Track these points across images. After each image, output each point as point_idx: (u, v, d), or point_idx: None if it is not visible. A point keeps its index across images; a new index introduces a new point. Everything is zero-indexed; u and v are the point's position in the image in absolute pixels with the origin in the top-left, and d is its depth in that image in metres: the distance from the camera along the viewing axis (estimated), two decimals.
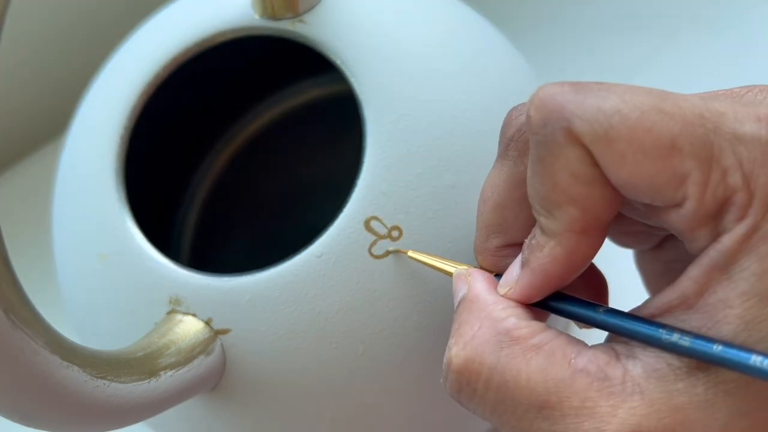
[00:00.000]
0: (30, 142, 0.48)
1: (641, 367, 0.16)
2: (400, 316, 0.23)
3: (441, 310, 0.24)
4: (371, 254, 0.23)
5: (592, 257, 0.18)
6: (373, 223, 0.23)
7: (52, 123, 0.43)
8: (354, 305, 0.23)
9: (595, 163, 0.16)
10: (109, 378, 0.19)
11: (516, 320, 0.18)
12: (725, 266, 0.16)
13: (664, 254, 0.22)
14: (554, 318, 0.22)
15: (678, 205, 0.16)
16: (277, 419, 0.24)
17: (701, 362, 0.16)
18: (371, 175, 0.23)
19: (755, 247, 0.15)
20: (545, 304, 0.19)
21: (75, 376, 0.18)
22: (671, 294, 0.17)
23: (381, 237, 0.23)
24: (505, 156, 0.20)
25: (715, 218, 0.16)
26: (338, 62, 0.25)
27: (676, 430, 0.15)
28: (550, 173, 0.17)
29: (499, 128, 0.21)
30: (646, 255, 0.23)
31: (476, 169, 0.24)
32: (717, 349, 0.15)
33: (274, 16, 0.26)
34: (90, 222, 0.26)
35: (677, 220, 0.16)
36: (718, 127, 0.16)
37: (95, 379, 0.19)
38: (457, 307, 0.20)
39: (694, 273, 0.16)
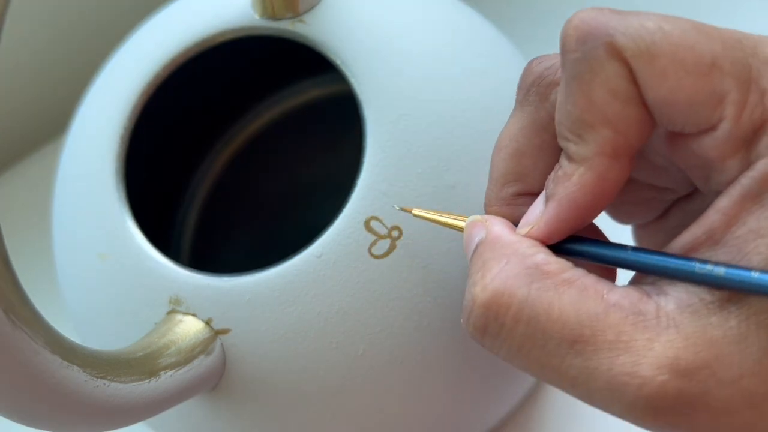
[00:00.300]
0: (30, 142, 0.48)
1: (674, 302, 0.16)
2: (400, 316, 0.23)
3: (441, 310, 0.24)
4: (371, 254, 0.23)
5: (619, 188, 0.18)
6: (373, 223, 0.23)
7: (52, 123, 0.43)
8: (354, 305, 0.23)
9: (634, 81, 0.16)
10: (109, 378, 0.19)
11: (545, 256, 0.17)
12: (758, 194, 0.15)
13: (668, 222, 0.21)
14: None
15: (713, 128, 0.16)
16: (277, 419, 0.24)
17: (735, 293, 0.15)
18: (371, 175, 0.23)
19: None
20: (565, 249, 0.18)
21: (75, 376, 0.18)
22: (696, 230, 0.16)
23: (381, 237, 0.23)
24: (525, 102, 0.19)
25: (748, 145, 0.16)
26: (338, 62, 0.25)
27: (712, 365, 0.15)
28: (586, 91, 0.17)
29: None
30: (647, 229, 0.22)
31: (476, 169, 0.24)
32: (755, 276, 0.15)
33: (274, 16, 0.26)
34: (90, 222, 0.26)
35: (710, 145, 0.16)
36: (756, 51, 0.16)
37: (95, 379, 0.19)
38: (475, 250, 0.19)
39: (723, 204, 0.16)
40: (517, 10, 0.45)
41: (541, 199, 0.19)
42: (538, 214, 0.18)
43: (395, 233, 0.23)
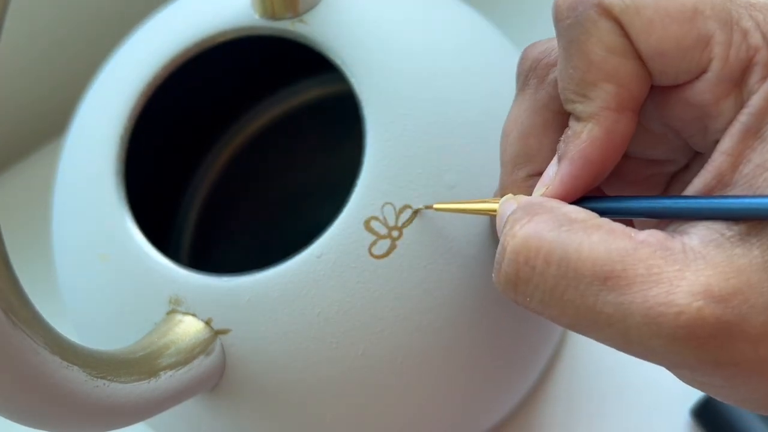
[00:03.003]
0: (30, 142, 0.48)
1: (697, 238, 0.16)
2: (400, 316, 0.23)
3: (441, 310, 0.24)
4: (371, 254, 0.23)
5: (627, 142, 0.18)
6: (373, 223, 0.23)
7: (52, 123, 0.43)
8: (354, 305, 0.23)
9: (626, 35, 0.17)
10: (109, 378, 0.19)
11: (573, 207, 0.18)
12: (757, 128, 0.16)
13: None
14: None
15: (703, 70, 0.17)
16: (277, 419, 0.24)
17: (753, 227, 0.16)
18: (371, 175, 0.23)
19: None
20: (587, 208, 0.18)
21: (75, 376, 0.18)
22: (705, 176, 0.17)
23: (381, 237, 0.23)
24: (525, 87, 0.20)
25: (739, 84, 0.16)
26: (338, 62, 0.25)
27: (743, 290, 0.15)
28: (584, 51, 0.18)
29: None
30: None
31: (476, 169, 0.24)
32: None
33: (274, 16, 0.26)
34: (90, 222, 0.26)
35: (703, 89, 0.17)
36: None
37: (95, 379, 0.19)
38: (506, 218, 0.19)
39: (726, 146, 0.16)
40: (516, 10, 0.45)
41: (554, 162, 0.19)
42: (552, 174, 0.19)
43: (395, 233, 0.23)
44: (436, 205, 0.23)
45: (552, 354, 0.34)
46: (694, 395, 0.33)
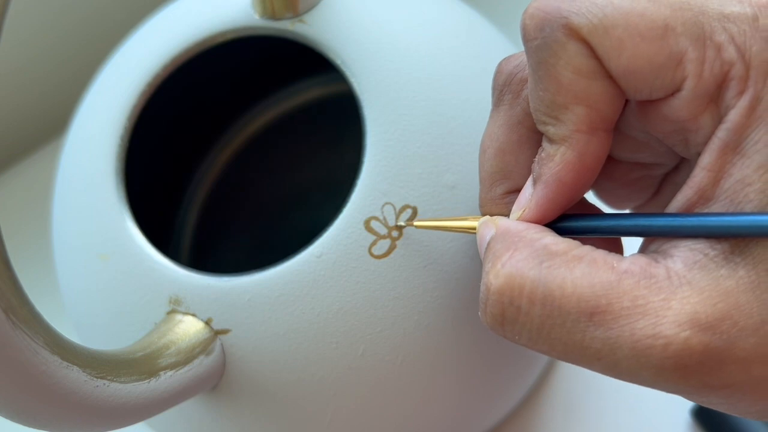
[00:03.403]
0: (30, 142, 0.48)
1: (681, 262, 0.16)
2: (400, 316, 0.23)
3: (441, 310, 0.24)
4: (371, 254, 0.23)
5: (601, 162, 0.18)
6: (373, 223, 0.23)
7: (52, 123, 0.43)
8: (354, 305, 0.23)
9: (595, 56, 0.17)
10: (109, 378, 0.19)
11: (552, 238, 0.18)
12: (736, 143, 0.16)
13: (663, 198, 0.22)
14: None
15: (678, 88, 0.16)
16: (277, 419, 0.24)
17: (737, 245, 0.15)
18: (371, 175, 0.23)
19: (762, 117, 0.15)
20: (565, 228, 0.19)
21: (75, 376, 0.18)
22: (687, 191, 0.17)
23: (381, 237, 0.23)
24: (499, 102, 0.20)
25: (716, 99, 0.16)
26: (338, 62, 0.25)
27: (732, 314, 0.15)
28: (553, 74, 0.17)
29: None
30: (644, 210, 0.23)
31: (476, 169, 0.24)
32: (755, 219, 0.15)
33: (274, 16, 0.26)
34: (90, 222, 0.26)
35: (679, 106, 0.16)
36: (704, 10, 0.16)
37: (95, 379, 0.19)
38: (487, 246, 0.19)
39: (706, 161, 0.16)
40: (516, 10, 0.45)
41: (529, 182, 0.19)
42: (528, 197, 0.19)
43: (395, 233, 0.23)
44: (416, 223, 0.22)
45: None
46: None
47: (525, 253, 0.17)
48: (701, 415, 0.32)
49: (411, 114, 0.24)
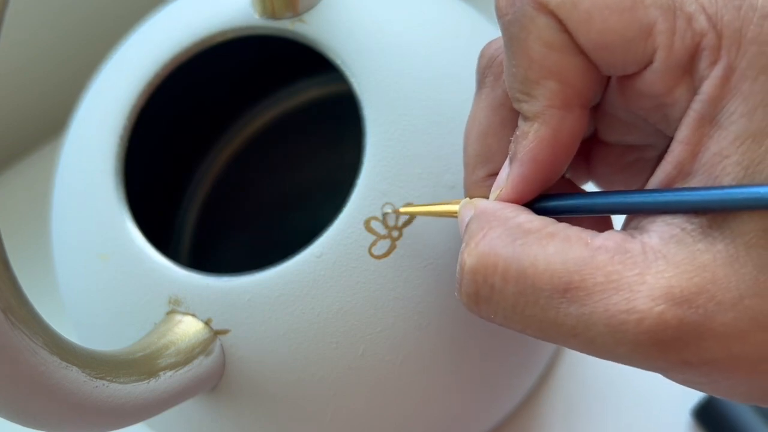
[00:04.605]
0: (30, 142, 0.48)
1: (657, 236, 0.16)
2: (400, 316, 0.23)
3: (441, 310, 0.24)
4: (371, 254, 0.23)
5: (577, 139, 0.18)
6: (373, 223, 0.23)
7: (52, 123, 0.43)
8: (354, 305, 0.23)
9: (565, 30, 0.17)
10: (108, 378, 0.19)
11: (526, 216, 0.17)
12: (712, 115, 0.15)
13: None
14: None
15: (650, 61, 0.16)
16: (277, 419, 0.24)
17: (714, 219, 0.15)
18: (371, 175, 0.23)
19: (737, 88, 0.15)
20: (543, 208, 0.18)
21: (74, 376, 0.18)
22: (666, 167, 0.16)
23: (381, 237, 0.23)
24: (482, 85, 0.20)
25: (688, 71, 0.16)
26: (338, 62, 0.25)
27: (709, 289, 0.15)
28: (524, 49, 0.17)
29: None
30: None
31: None
32: (732, 192, 0.15)
33: (274, 16, 0.26)
34: (90, 222, 0.26)
35: (653, 80, 0.16)
36: None
37: (95, 379, 0.19)
38: (465, 227, 0.19)
39: (683, 134, 0.16)
40: None
41: (507, 163, 0.19)
42: (505, 177, 0.19)
43: (395, 233, 0.23)
44: (402, 209, 0.22)
45: (553, 354, 0.34)
46: (694, 395, 0.32)
47: (498, 232, 0.17)
48: (702, 415, 0.32)
49: (411, 114, 0.24)
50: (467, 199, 0.20)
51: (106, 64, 0.30)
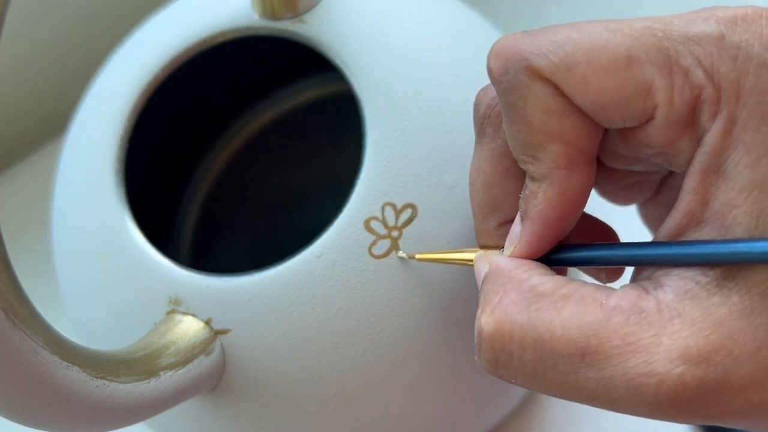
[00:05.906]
0: (30, 142, 0.48)
1: (672, 292, 0.16)
2: (400, 316, 0.23)
3: (441, 310, 0.24)
4: (371, 254, 0.23)
5: (586, 194, 0.18)
6: (373, 223, 0.23)
7: (52, 123, 0.43)
8: (354, 305, 0.23)
9: (562, 94, 0.17)
10: (108, 378, 0.19)
11: (540, 277, 0.17)
12: (717, 166, 0.16)
13: (664, 197, 0.22)
14: None
15: (651, 118, 0.16)
16: (277, 419, 0.24)
17: (728, 270, 0.15)
18: (371, 175, 0.23)
19: (739, 139, 0.15)
20: (559, 260, 0.19)
21: (75, 376, 0.18)
22: (677, 215, 0.16)
23: (381, 237, 0.23)
24: (482, 135, 0.20)
25: (690, 124, 0.16)
26: (338, 62, 0.25)
27: (725, 344, 0.15)
28: (523, 116, 0.17)
29: None
30: (648, 206, 0.23)
31: None
32: (745, 246, 0.15)
33: (274, 16, 0.26)
34: (90, 222, 0.26)
35: (655, 135, 0.16)
36: (668, 34, 0.16)
37: (95, 379, 0.19)
38: (481, 285, 0.19)
39: (690, 185, 0.16)
40: (517, 11, 0.45)
41: (518, 218, 0.19)
42: (517, 233, 0.19)
43: (395, 233, 0.23)
44: (417, 255, 0.23)
45: None
46: None
47: (513, 296, 0.17)
48: None
49: (411, 114, 0.24)
50: (482, 251, 0.20)
51: (106, 64, 0.30)
